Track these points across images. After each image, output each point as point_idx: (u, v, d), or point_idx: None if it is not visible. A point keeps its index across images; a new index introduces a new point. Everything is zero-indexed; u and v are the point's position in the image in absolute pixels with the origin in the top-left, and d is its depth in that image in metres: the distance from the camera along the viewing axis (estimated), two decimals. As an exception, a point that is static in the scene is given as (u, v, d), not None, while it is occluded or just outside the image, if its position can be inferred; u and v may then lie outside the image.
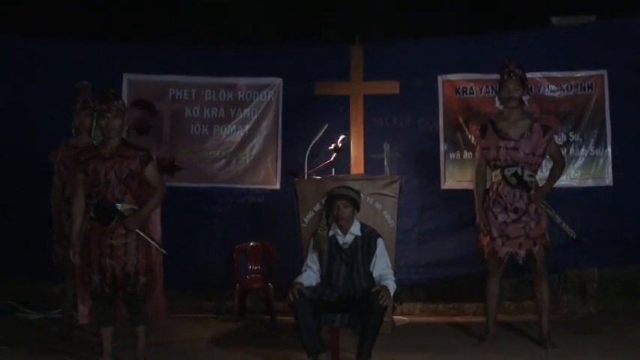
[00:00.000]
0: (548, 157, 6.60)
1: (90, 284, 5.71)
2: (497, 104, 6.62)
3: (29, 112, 8.45)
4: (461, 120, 8.56)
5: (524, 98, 6.51)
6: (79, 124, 6.91)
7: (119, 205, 5.64)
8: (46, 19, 9.30)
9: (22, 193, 8.20)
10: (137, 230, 5.70)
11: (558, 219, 6.46)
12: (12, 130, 8.44)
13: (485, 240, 6.49)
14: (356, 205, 5.89)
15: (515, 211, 6.36)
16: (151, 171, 5.82)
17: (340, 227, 5.85)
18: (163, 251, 6.25)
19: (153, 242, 5.89)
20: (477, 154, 6.77)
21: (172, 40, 9.39)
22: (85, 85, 6.96)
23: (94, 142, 5.84)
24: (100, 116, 5.78)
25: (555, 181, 6.67)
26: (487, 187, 6.61)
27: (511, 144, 6.36)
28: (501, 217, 6.39)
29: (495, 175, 6.47)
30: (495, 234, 6.40)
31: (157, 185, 5.88)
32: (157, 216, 7.40)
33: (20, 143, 8.38)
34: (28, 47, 8.70)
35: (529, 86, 6.67)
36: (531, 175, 6.40)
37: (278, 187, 8.75)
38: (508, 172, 6.35)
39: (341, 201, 5.81)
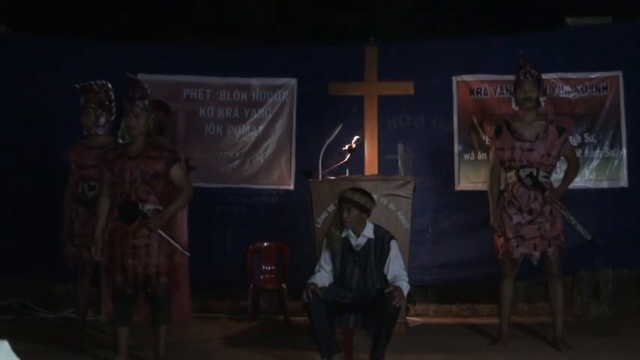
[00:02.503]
0: (562, 158, 6.59)
1: (112, 284, 5.72)
2: (513, 105, 6.61)
3: (44, 112, 8.47)
4: (475, 121, 8.55)
5: (541, 99, 6.50)
6: (83, 122, 6.95)
7: (142, 206, 5.65)
8: (61, 19, 9.34)
9: (36, 192, 8.23)
10: (159, 231, 5.68)
11: (573, 220, 6.44)
12: (27, 130, 8.49)
13: (500, 241, 6.48)
14: (364, 209, 5.80)
15: (530, 212, 6.35)
16: (176, 172, 5.79)
17: (352, 229, 5.83)
18: (187, 254, 6.24)
19: (176, 244, 5.86)
20: (492, 155, 6.76)
21: (187, 41, 9.42)
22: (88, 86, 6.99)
23: (121, 141, 5.81)
24: (125, 115, 5.81)
25: (570, 183, 6.65)
26: (502, 188, 6.60)
27: (526, 145, 6.35)
28: (516, 218, 6.38)
29: (510, 176, 6.46)
30: (510, 235, 6.38)
31: (183, 186, 5.85)
32: (183, 218, 7.46)
33: (35, 143, 8.42)
34: (42, 47, 8.74)
35: (545, 87, 6.66)
36: (546, 177, 6.39)
37: (292, 187, 8.75)
38: (523, 173, 6.34)
39: (345, 205, 5.78)
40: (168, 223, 5.89)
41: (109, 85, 6.98)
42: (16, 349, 2.32)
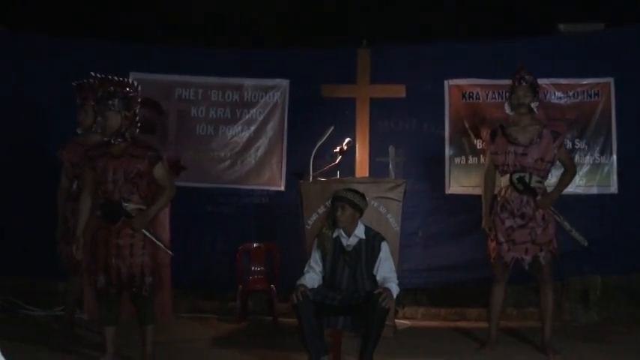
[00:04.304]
0: (557, 163, 6.60)
1: (95, 283, 5.70)
2: (508, 110, 6.61)
3: (37, 110, 8.45)
4: (467, 125, 8.56)
5: (533, 105, 6.49)
6: (80, 121, 6.92)
7: (126, 205, 5.63)
8: (54, 17, 9.31)
9: (28, 190, 8.21)
10: (143, 230, 5.68)
11: (567, 226, 6.45)
12: (20, 128, 8.46)
13: (492, 245, 6.50)
14: (357, 209, 5.84)
15: (522, 216, 6.36)
16: (160, 171, 5.79)
17: (343, 229, 5.85)
18: (170, 252, 6.26)
19: (159, 243, 5.86)
20: (487, 159, 6.78)
21: (180, 40, 9.40)
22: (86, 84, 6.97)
23: (106, 139, 5.78)
24: (99, 114, 5.81)
25: (564, 188, 6.65)
26: (496, 192, 6.61)
27: (520, 149, 6.37)
28: (508, 223, 6.40)
29: (504, 181, 6.47)
30: (502, 239, 6.40)
31: (166, 186, 5.84)
32: (165, 217, 7.43)
33: (27, 141, 8.40)
34: (36, 45, 8.73)
35: (539, 93, 6.66)
36: (539, 181, 6.39)
37: (283, 188, 8.75)
38: (515, 177, 6.35)
39: (339, 203, 5.80)
40: (151, 221, 5.88)
41: None
42: (2, 348, 2.31)
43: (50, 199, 6.99)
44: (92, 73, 5.97)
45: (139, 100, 5.88)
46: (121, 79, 5.90)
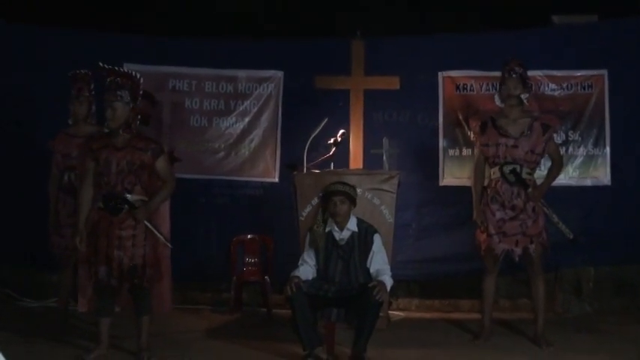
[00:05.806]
0: (547, 155, 6.62)
1: (95, 275, 5.69)
2: (498, 102, 6.62)
3: (29, 101, 8.42)
4: (460, 117, 8.56)
5: (523, 96, 6.48)
6: (74, 112, 6.90)
7: (129, 196, 5.64)
8: (47, 7, 9.28)
9: (20, 182, 8.18)
10: (145, 222, 5.69)
11: (555, 218, 6.47)
12: (13, 118, 8.43)
13: (482, 237, 6.51)
14: (352, 201, 5.89)
15: (513, 208, 6.37)
16: (162, 164, 5.83)
17: (337, 223, 5.86)
18: (169, 245, 6.27)
19: (159, 235, 5.88)
20: (477, 151, 6.78)
21: (173, 31, 9.38)
22: (82, 74, 6.95)
23: (106, 130, 5.78)
24: (105, 105, 5.80)
25: (553, 180, 6.68)
26: (485, 184, 6.62)
27: (510, 142, 6.37)
28: (499, 214, 6.40)
29: (494, 172, 6.48)
30: (492, 231, 6.41)
31: (167, 178, 5.89)
32: (165, 209, 7.45)
33: (19, 132, 8.37)
34: (28, 36, 8.68)
35: (530, 85, 6.66)
36: (530, 173, 6.41)
37: (277, 180, 8.75)
38: (507, 169, 6.36)
39: (338, 197, 5.82)
40: (152, 214, 5.90)
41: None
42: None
43: (44, 190, 6.98)
44: (100, 64, 5.95)
45: (141, 92, 5.89)
46: (126, 70, 5.92)
